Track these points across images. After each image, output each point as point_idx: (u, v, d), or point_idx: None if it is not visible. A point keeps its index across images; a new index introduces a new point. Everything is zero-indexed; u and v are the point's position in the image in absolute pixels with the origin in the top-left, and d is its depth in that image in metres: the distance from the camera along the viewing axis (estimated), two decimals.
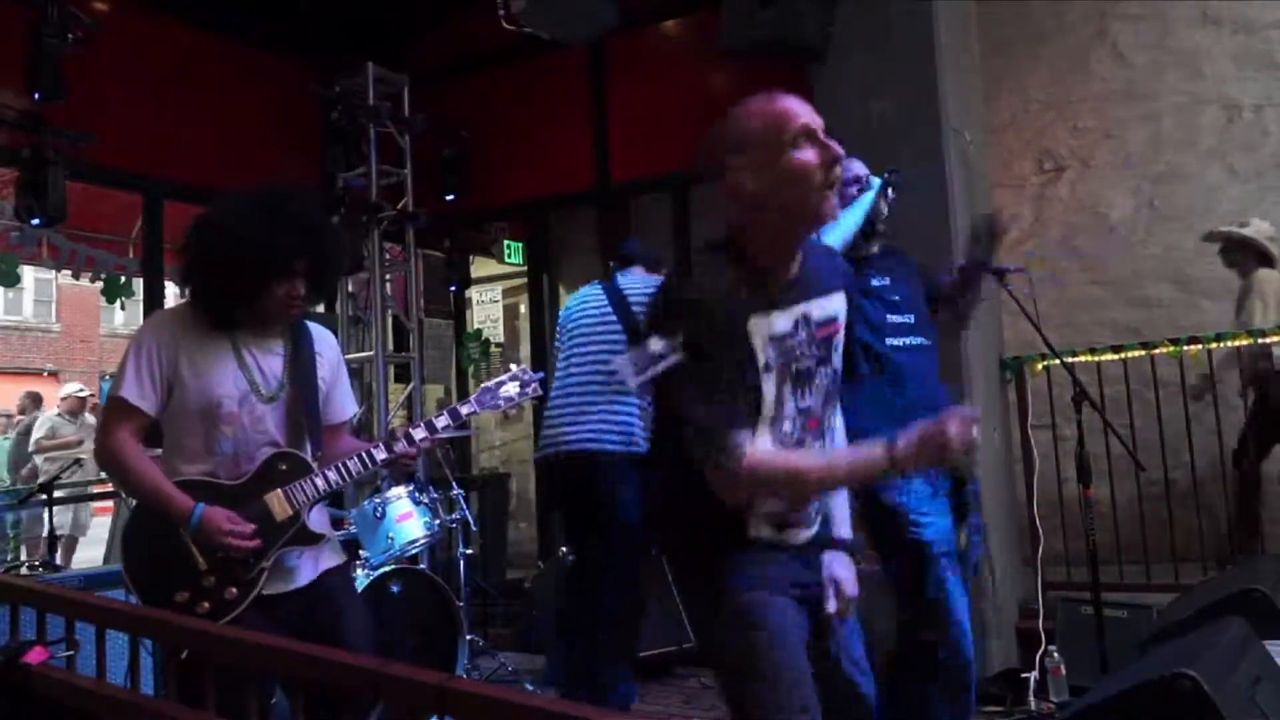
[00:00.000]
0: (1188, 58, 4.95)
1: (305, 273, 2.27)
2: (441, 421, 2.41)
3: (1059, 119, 5.21)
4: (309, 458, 2.34)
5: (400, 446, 2.35)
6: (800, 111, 1.74)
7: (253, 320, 2.30)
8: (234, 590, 2.21)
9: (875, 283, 2.75)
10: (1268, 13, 4.80)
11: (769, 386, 1.71)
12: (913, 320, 2.80)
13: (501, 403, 2.52)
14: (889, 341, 2.71)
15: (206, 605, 2.18)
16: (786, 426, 1.75)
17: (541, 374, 2.60)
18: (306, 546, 2.31)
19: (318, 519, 2.36)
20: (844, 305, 1.87)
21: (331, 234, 2.40)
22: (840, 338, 1.85)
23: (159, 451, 2.36)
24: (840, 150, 1.72)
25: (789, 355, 1.74)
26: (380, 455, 2.35)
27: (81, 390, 9.25)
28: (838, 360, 1.85)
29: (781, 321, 1.74)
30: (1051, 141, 5.22)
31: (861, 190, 2.76)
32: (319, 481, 2.31)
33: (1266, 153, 4.80)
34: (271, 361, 2.33)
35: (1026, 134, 5.26)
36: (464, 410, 2.44)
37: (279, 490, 2.27)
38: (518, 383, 2.54)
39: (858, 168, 2.81)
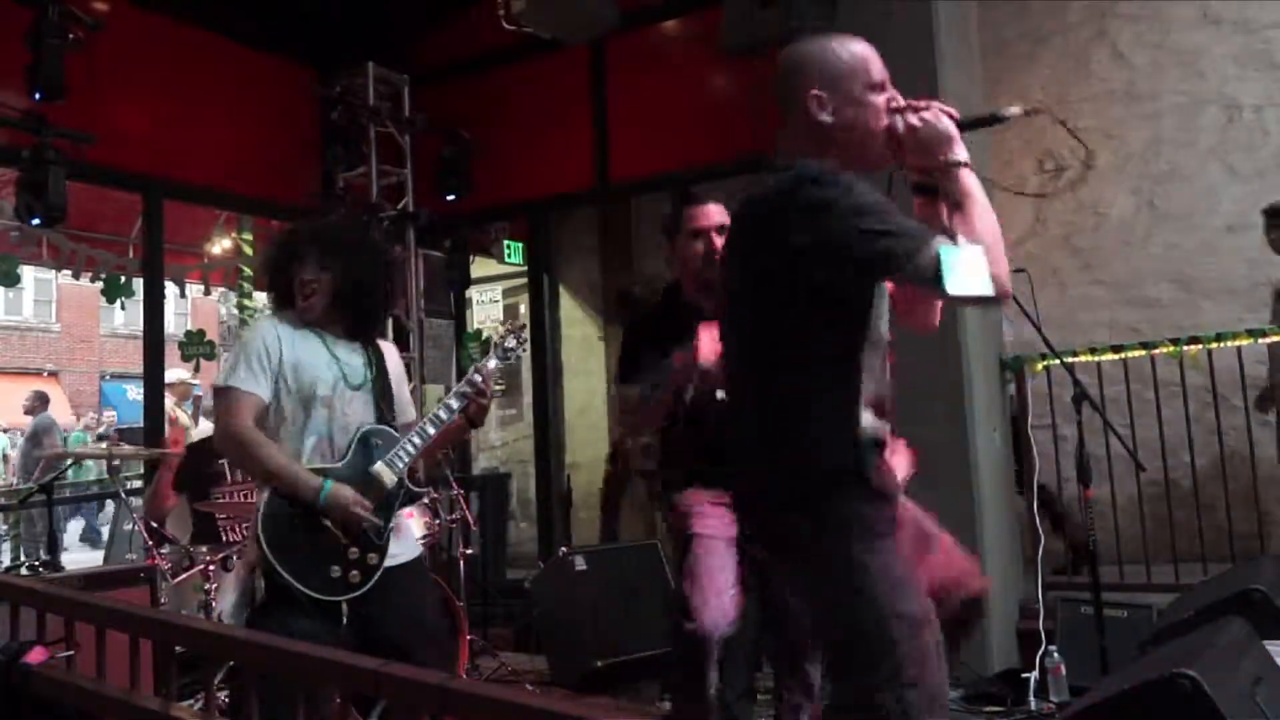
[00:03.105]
0: (1188, 58, 4.95)
1: (319, 266, 2.55)
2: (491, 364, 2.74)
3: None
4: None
5: (474, 379, 2.64)
6: (871, 54, 1.84)
7: (302, 311, 2.59)
8: (374, 555, 2.46)
9: None
10: (1268, 13, 4.80)
11: (881, 310, 1.81)
12: None
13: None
14: None
15: (357, 574, 2.43)
16: (880, 355, 1.84)
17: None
18: (411, 506, 2.69)
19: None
20: None
21: (361, 248, 2.69)
22: None
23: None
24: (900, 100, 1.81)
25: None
26: (454, 403, 2.62)
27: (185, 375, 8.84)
28: None
29: None
30: (1051, 141, 5.22)
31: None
32: (409, 446, 2.56)
33: (1266, 153, 4.81)
34: (354, 359, 2.62)
35: (1026, 134, 5.27)
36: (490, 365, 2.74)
37: (380, 462, 2.53)
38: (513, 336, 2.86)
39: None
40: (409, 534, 2.70)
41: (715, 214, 2.72)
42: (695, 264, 2.73)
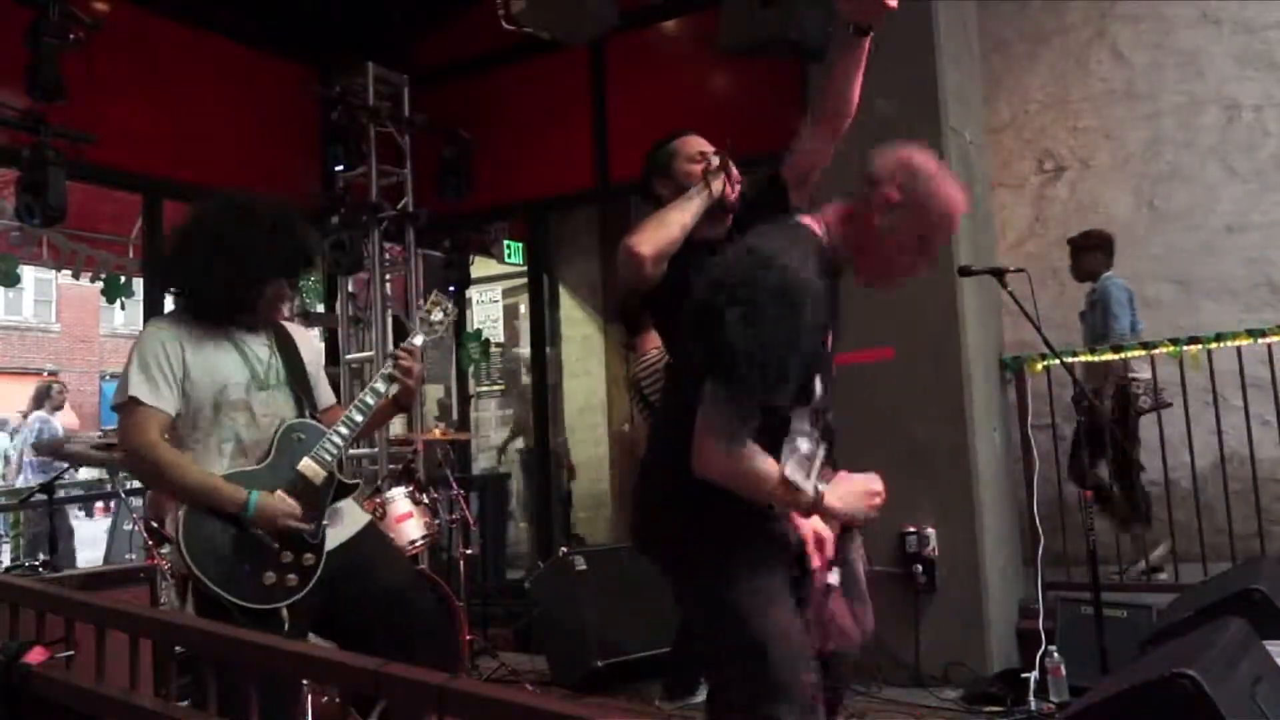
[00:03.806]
0: (1188, 58, 4.95)
1: (291, 274, 2.49)
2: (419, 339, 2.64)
3: (1059, 119, 5.21)
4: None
5: (401, 359, 2.51)
6: (959, 214, 1.92)
7: (248, 319, 2.46)
8: (310, 556, 2.35)
9: None
10: (1268, 13, 4.80)
11: (818, 381, 1.88)
12: None
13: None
14: None
15: (294, 578, 2.31)
16: (824, 417, 1.93)
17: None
18: (349, 496, 2.50)
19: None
20: None
21: (310, 239, 2.57)
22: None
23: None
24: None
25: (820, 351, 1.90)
26: (380, 385, 2.51)
27: None
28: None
29: (823, 310, 1.88)
30: (1051, 141, 5.22)
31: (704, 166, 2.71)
32: (335, 438, 2.45)
33: (1266, 153, 4.80)
34: (261, 351, 2.48)
35: (1026, 134, 5.27)
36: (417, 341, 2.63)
37: (306, 458, 2.40)
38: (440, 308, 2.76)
39: (700, 143, 2.70)
40: (346, 515, 2.52)
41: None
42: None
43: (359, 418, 2.47)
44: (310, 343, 2.66)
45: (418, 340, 2.62)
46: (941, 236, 1.92)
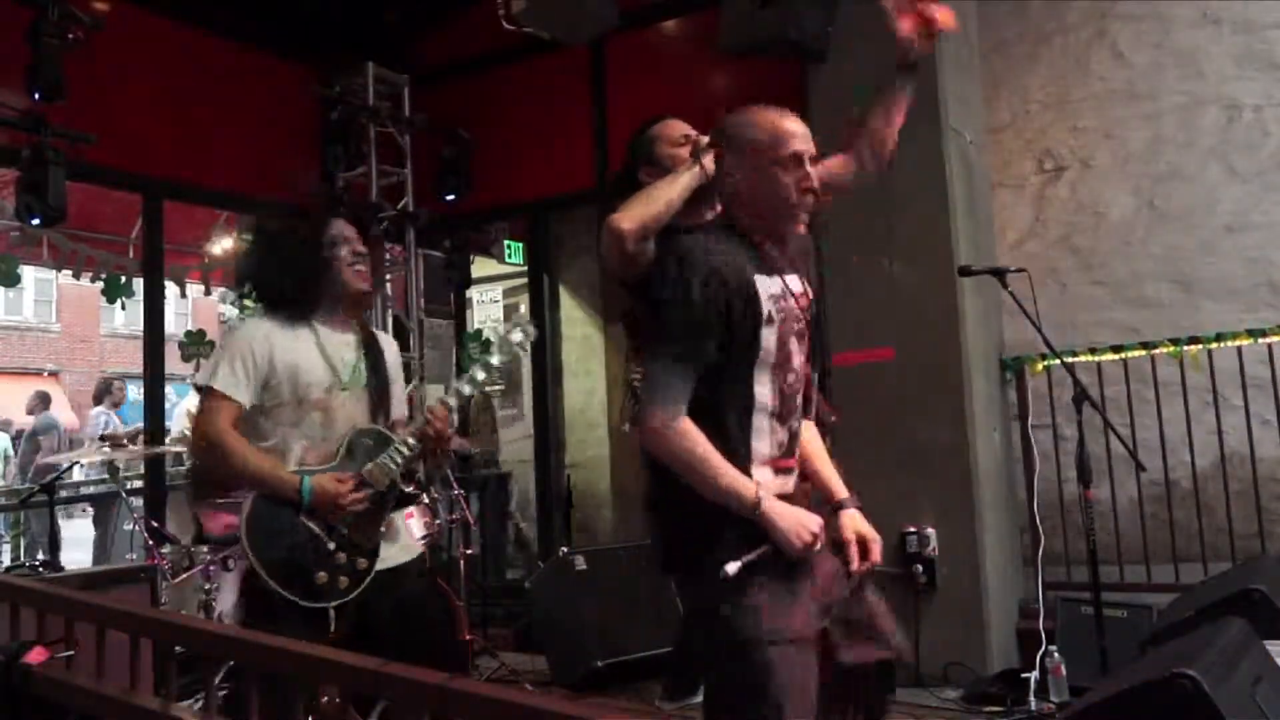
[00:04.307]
0: (1188, 58, 4.95)
1: (348, 233, 2.53)
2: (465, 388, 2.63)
3: (1059, 119, 5.21)
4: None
5: (427, 421, 2.51)
6: (796, 134, 1.94)
7: (332, 294, 2.50)
8: (363, 561, 2.40)
9: None
10: (1268, 13, 4.80)
11: (770, 335, 1.88)
12: None
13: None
14: None
15: (345, 580, 2.37)
16: (790, 377, 1.93)
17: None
18: (411, 507, 2.60)
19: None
20: (808, 285, 2.04)
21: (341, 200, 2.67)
22: (813, 309, 2.01)
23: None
24: (816, 182, 1.94)
25: (787, 313, 1.91)
26: (411, 441, 2.50)
27: None
28: (815, 334, 2.02)
29: (774, 283, 1.92)
30: (1051, 141, 5.22)
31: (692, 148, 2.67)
32: (404, 448, 2.48)
33: (1266, 153, 4.80)
34: (346, 352, 2.53)
35: (1026, 134, 5.26)
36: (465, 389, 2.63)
37: (372, 463, 2.45)
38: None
39: (682, 126, 2.66)
40: (403, 536, 2.60)
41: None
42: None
43: (415, 443, 2.51)
44: (394, 352, 2.72)
45: (494, 360, 2.66)
46: (783, 145, 1.91)
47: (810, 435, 2.09)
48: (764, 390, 1.88)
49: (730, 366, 1.86)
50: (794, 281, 1.97)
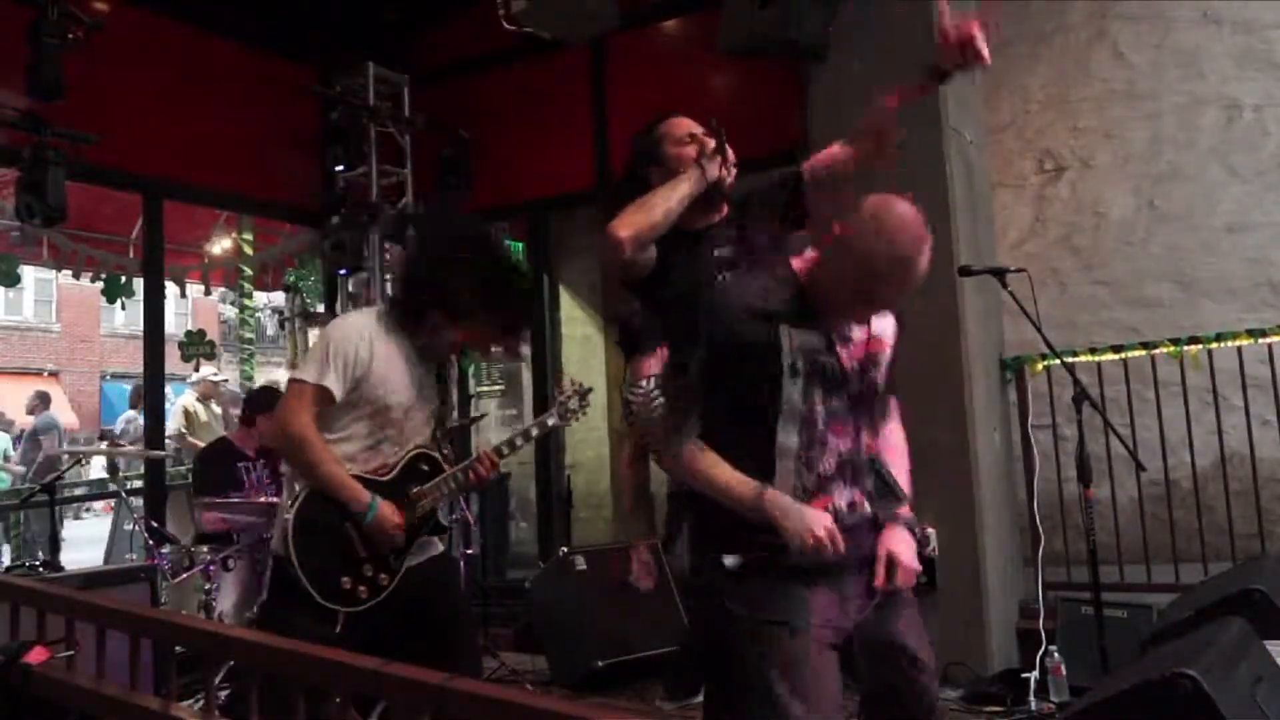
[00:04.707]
0: (1188, 58, 4.94)
1: (496, 334, 2.65)
2: (518, 441, 2.78)
3: (1059, 119, 5.21)
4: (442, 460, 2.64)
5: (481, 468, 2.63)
6: (911, 263, 1.84)
7: (428, 343, 2.57)
8: (385, 576, 2.48)
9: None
10: (1268, 13, 4.79)
11: (793, 387, 1.86)
12: None
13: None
14: None
15: (365, 591, 2.45)
16: (819, 425, 1.90)
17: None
18: (438, 534, 2.64)
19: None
20: (892, 326, 2.03)
21: (527, 311, 2.76)
22: (885, 354, 2.00)
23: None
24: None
25: (817, 364, 1.89)
26: (460, 476, 2.62)
27: (215, 374, 8.56)
28: (877, 375, 1.98)
29: (813, 337, 1.89)
30: (1052, 141, 5.22)
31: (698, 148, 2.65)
32: (452, 481, 2.59)
33: (1267, 153, 4.80)
34: (425, 377, 2.61)
35: (1027, 134, 5.26)
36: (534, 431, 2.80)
37: (422, 487, 2.55)
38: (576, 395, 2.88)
39: (688, 124, 2.61)
40: (429, 547, 2.67)
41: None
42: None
43: (461, 479, 2.62)
44: (446, 367, 2.77)
45: (551, 422, 2.79)
46: (882, 286, 1.84)
47: (895, 441, 2.08)
48: (788, 439, 1.88)
49: (750, 409, 1.89)
50: (854, 331, 1.95)
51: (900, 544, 1.94)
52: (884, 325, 2.01)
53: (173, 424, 7.44)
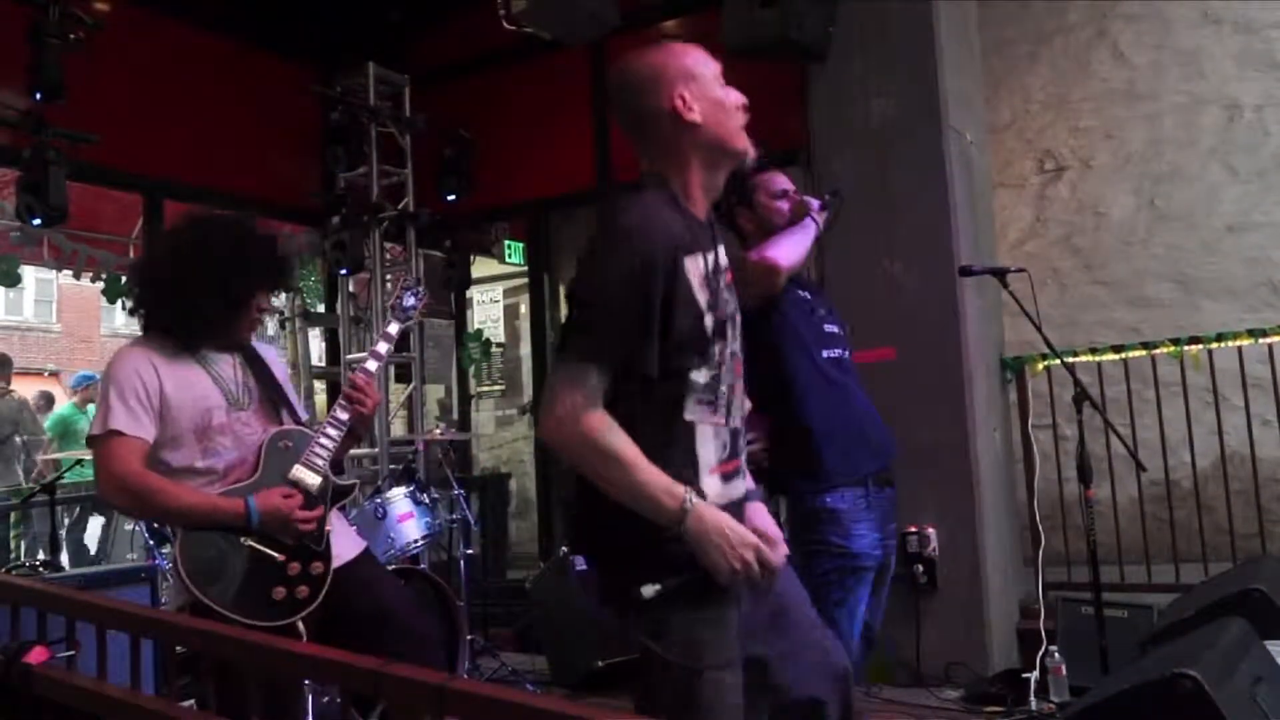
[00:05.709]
0: (1188, 58, 4.95)
1: (273, 286, 2.53)
2: (382, 347, 2.62)
3: (1059, 119, 5.21)
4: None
5: (357, 378, 2.48)
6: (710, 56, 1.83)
7: (225, 335, 2.43)
8: (318, 564, 2.32)
9: (801, 294, 2.72)
10: (1268, 13, 4.80)
11: (709, 322, 1.68)
12: (839, 332, 2.78)
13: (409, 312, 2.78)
14: (824, 353, 2.67)
15: (305, 589, 2.28)
16: (723, 368, 1.72)
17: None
18: (347, 499, 2.48)
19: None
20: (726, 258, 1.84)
21: (287, 248, 2.65)
22: (734, 287, 1.82)
23: None
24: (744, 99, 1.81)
25: (716, 296, 1.70)
26: (340, 414, 2.46)
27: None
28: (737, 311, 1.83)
29: (704, 262, 1.70)
30: (1052, 141, 5.22)
31: (790, 203, 2.74)
32: (325, 439, 2.41)
33: (1267, 153, 4.80)
34: (227, 370, 2.44)
35: (1026, 134, 5.26)
36: (392, 330, 2.65)
37: (297, 465, 2.36)
38: (410, 292, 2.80)
39: (783, 181, 2.79)
40: (347, 531, 2.53)
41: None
42: (781, 220, 2.71)
43: (341, 420, 2.44)
44: (275, 357, 2.62)
45: (371, 365, 2.56)
46: (714, 65, 1.79)
47: None
48: (700, 385, 1.68)
49: (664, 364, 1.64)
50: (722, 255, 1.78)
51: (766, 518, 1.84)
52: (724, 257, 1.82)
53: None
